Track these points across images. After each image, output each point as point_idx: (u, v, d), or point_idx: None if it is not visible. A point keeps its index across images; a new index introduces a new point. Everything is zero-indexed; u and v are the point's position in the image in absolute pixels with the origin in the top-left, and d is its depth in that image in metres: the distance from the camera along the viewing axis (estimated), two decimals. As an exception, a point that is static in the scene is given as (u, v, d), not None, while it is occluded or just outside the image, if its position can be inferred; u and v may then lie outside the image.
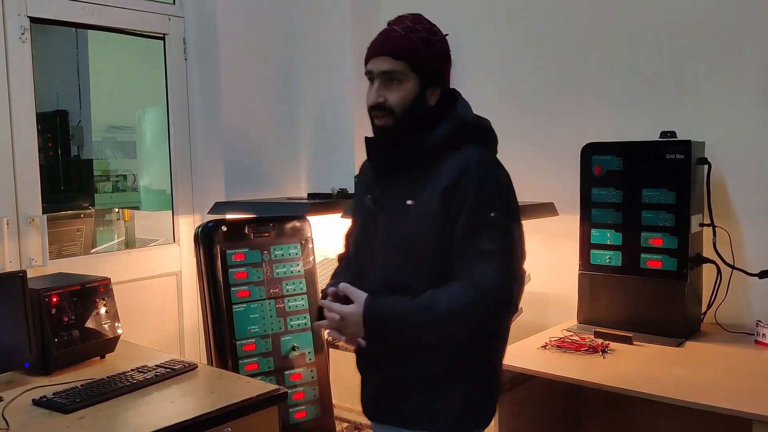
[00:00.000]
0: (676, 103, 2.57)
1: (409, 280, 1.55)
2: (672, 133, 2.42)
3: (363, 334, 1.54)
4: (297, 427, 2.74)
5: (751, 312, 2.43)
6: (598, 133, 2.59)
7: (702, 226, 2.44)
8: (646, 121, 2.60)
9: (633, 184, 2.40)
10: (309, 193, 3.31)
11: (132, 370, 2.05)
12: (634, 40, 2.66)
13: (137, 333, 2.70)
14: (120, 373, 2.01)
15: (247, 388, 1.95)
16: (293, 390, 2.74)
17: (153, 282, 3.12)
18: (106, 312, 2.26)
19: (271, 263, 2.79)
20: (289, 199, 3.26)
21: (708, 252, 2.45)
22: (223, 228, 2.70)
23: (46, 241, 2.67)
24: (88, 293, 2.24)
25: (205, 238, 2.66)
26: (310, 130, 3.49)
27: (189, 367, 2.10)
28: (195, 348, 3.23)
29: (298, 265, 2.84)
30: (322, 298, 1.69)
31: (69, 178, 4.44)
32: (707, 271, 2.48)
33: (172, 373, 2.04)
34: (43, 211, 2.70)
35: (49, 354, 2.09)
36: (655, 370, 2.05)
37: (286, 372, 2.74)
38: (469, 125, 1.63)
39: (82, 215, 3.65)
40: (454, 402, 1.56)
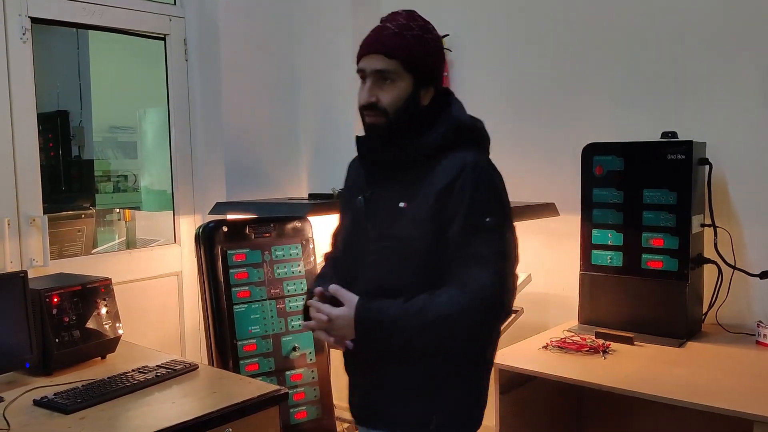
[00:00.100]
0: (677, 104, 2.57)
1: (400, 282, 1.52)
2: (673, 134, 2.42)
3: (352, 336, 1.50)
4: (298, 427, 2.75)
5: (752, 312, 2.43)
6: (599, 134, 2.59)
7: (703, 226, 2.44)
8: (647, 122, 2.60)
9: (634, 184, 2.40)
10: (310, 194, 3.30)
11: (133, 370, 2.05)
12: (636, 40, 2.66)
13: (138, 333, 2.70)
14: (121, 374, 2.01)
15: (248, 388, 1.95)
16: (294, 390, 2.74)
17: (154, 282, 3.11)
18: (107, 312, 2.26)
19: (272, 263, 2.79)
20: (290, 199, 3.25)
21: (709, 252, 2.45)
22: (224, 228, 2.70)
23: (47, 242, 2.67)
24: (89, 293, 2.24)
25: (206, 239, 2.66)
26: (311, 130, 3.49)
27: (190, 368, 2.10)
28: (196, 348, 3.23)
29: (299, 265, 2.84)
30: (308, 298, 1.67)
31: (70, 178, 4.44)
32: (708, 272, 2.48)
33: (173, 373, 2.04)
34: (44, 212, 2.70)
35: (50, 354, 2.09)
36: (655, 371, 2.05)
37: (287, 372, 2.75)
38: (465, 127, 1.60)
39: (83, 215, 3.65)
40: (445, 407, 1.55)
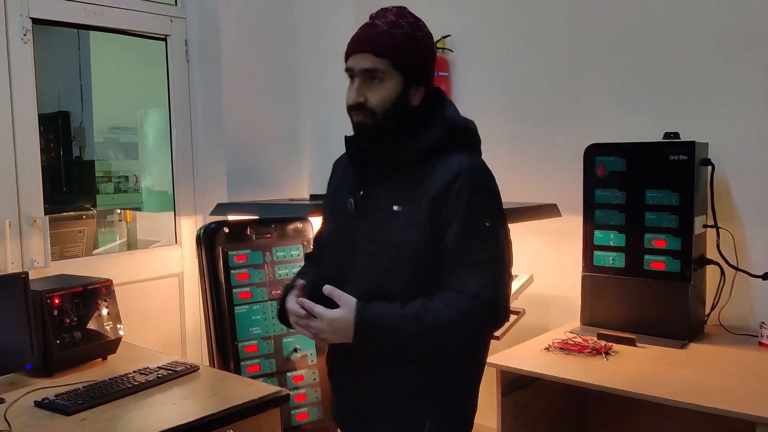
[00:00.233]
0: (679, 104, 2.57)
1: (393, 286, 1.48)
2: (675, 134, 2.42)
3: (349, 339, 1.44)
4: (299, 429, 2.74)
5: (755, 314, 2.43)
6: (601, 134, 2.58)
7: (705, 227, 2.43)
8: (649, 122, 2.59)
9: (636, 185, 2.39)
10: (311, 194, 3.30)
11: (134, 371, 2.04)
12: (637, 41, 2.65)
13: (139, 334, 2.70)
14: (122, 375, 2.01)
15: (249, 390, 1.94)
16: (295, 392, 2.73)
17: (155, 283, 3.11)
18: (108, 313, 2.26)
19: (273, 264, 2.78)
20: (291, 200, 3.25)
21: (711, 253, 2.44)
22: (225, 229, 2.69)
23: (48, 243, 2.67)
24: (90, 295, 2.23)
25: (207, 240, 2.66)
26: (312, 131, 3.49)
27: (191, 369, 2.09)
28: (197, 350, 3.23)
29: (300, 266, 2.83)
30: (285, 292, 1.60)
31: (71, 179, 4.45)
32: (711, 273, 2.47)
33: (174, 374, 2.04)
34: (45, 213, 2.69)
35: (50, 355, 2.08)
36: (658, 372, 2.05)
37: (288, 374, 2.74)
38: (460, 129, 1.56)
39: (84, 216, 3.65)
40: (438, 411, 1.53)
